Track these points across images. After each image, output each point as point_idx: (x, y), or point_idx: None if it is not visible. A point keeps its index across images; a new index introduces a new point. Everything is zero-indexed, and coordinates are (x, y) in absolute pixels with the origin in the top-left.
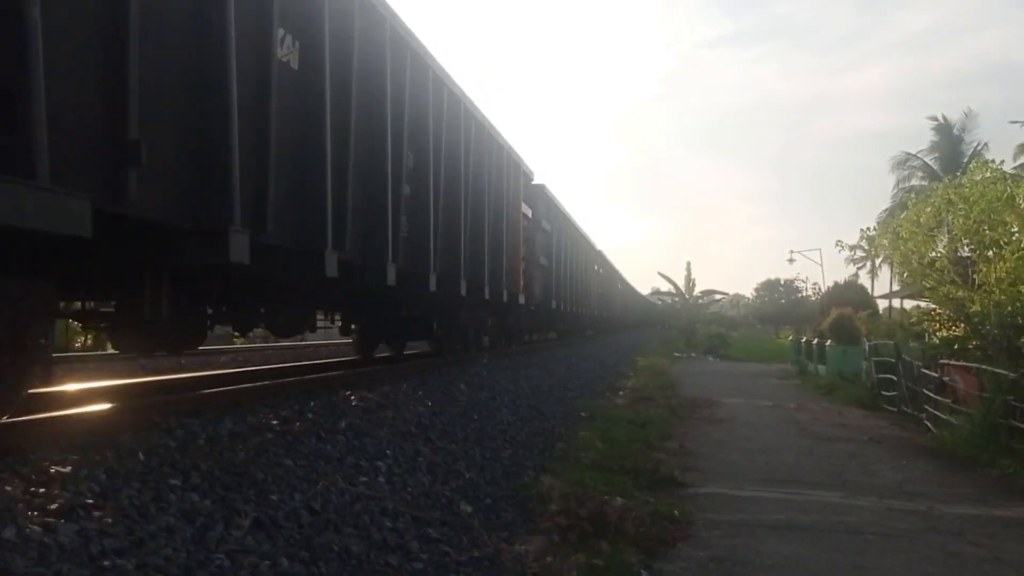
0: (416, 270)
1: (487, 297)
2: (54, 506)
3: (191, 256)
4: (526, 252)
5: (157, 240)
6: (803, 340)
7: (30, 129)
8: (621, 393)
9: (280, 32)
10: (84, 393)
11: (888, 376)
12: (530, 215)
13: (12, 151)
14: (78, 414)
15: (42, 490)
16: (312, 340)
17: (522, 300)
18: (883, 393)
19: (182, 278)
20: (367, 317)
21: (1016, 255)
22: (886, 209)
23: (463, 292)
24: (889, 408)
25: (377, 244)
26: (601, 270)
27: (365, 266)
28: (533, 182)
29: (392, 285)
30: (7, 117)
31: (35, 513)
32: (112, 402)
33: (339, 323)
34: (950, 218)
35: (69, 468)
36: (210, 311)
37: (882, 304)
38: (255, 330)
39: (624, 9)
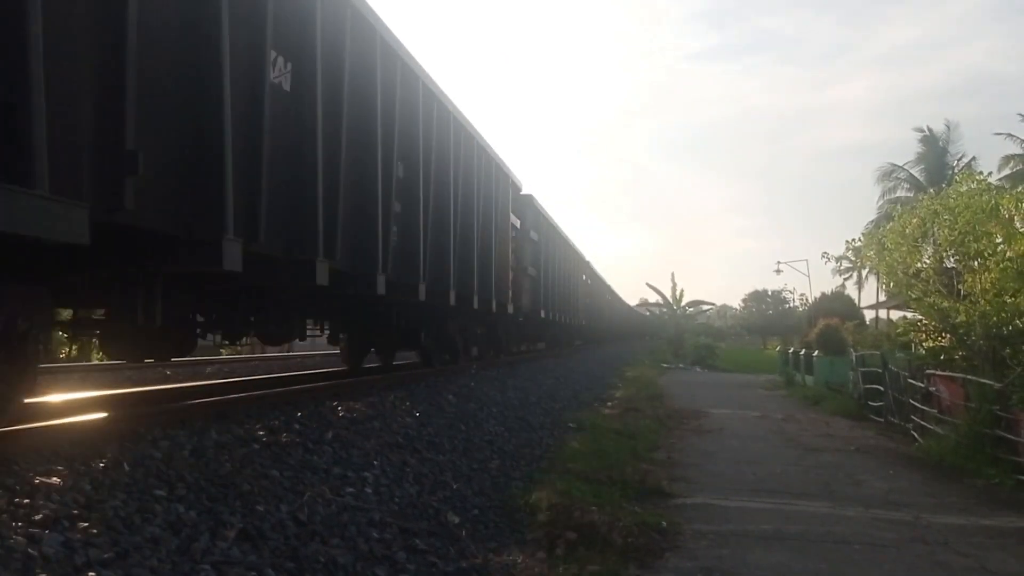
0: (406, 280)
1: (476, 307)
2: (39, 517)
3: (185, 264)
4: (514, 262)
5: (152, 248)
6: (790, 351)
7: (30, 139)
8: (609, 404)
9: (272, 48)
10: (69, 404)
11: (875, 386)
12: (519, 225)
13: (13, 161)
14: (63, 424)
15: (27, 501)
16: (299, 351)
17: (510, 310)
18: (870, 403)
19: (174, 286)
20: (356, 326)
21: (1000, 266)
22: (872, 220)
23: (452, 302)
24: (876, 418)
25: (367, 254)
26: (589, 281)
27: (355, 276)
28: (522, 192)
29: (382, 294)
30: (8, 128)
31: (20, 524)
32: (97, 413)
33: (328, 332)
34: (935, 229)
35: (54, 479)
36: (200, 319)
37: (869, 315)
38: (242, 340)
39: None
